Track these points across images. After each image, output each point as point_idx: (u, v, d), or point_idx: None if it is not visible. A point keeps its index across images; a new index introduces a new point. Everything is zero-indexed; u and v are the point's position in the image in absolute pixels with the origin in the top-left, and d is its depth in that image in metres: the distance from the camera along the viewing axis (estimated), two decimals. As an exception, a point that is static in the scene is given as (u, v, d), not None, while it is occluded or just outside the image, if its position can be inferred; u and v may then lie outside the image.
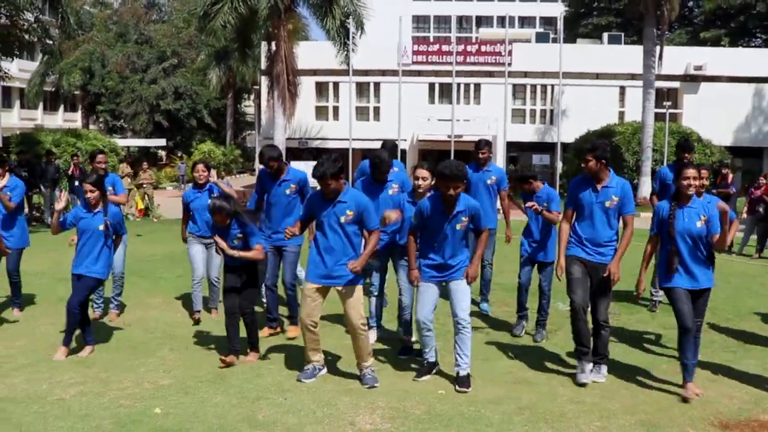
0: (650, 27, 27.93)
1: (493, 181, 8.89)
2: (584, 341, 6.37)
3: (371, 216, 6.20)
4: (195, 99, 46.28)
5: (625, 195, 6.38)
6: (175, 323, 8.41)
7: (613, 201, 6.35)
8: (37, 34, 22.05)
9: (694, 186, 5.98)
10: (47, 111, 52.38)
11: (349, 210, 6.10)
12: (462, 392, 6.07)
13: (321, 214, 6.18)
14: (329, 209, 6.14)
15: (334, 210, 6.12)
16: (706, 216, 5.98)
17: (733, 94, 34.52)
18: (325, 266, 6.15)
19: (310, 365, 6.41)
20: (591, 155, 6.41)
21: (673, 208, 6.03)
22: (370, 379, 6.23)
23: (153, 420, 5.34)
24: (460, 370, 6.23)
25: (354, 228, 6.20)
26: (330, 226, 6.15)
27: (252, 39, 31.27)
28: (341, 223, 6.11)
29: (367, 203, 6.22)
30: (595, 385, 6.23)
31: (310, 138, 35.59)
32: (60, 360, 6.82)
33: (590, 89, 34.79)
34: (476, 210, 6.25)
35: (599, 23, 48.07)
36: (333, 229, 6.14)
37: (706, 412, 5.64)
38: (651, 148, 28.69)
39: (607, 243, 6.40)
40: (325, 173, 6.01)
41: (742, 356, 7.24)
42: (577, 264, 6.39)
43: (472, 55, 35.23)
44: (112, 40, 47.67)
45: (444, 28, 60.38)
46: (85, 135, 33.42)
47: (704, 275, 6.07)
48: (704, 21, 47.56)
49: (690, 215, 6.00)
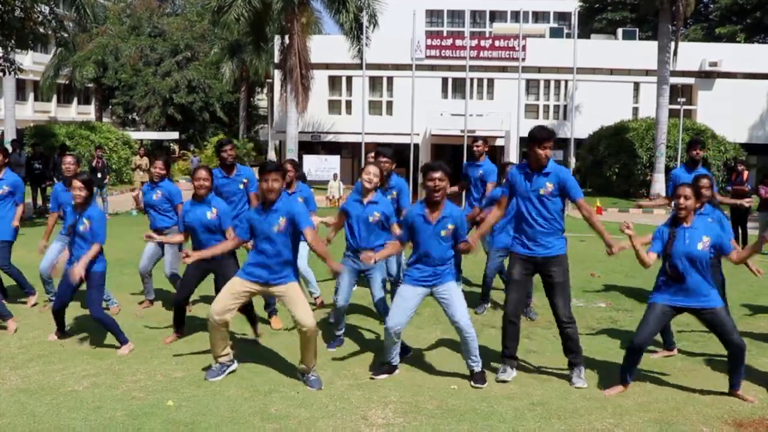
0: (665, 23, 27.76)
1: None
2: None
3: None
4: (208, 92, 46.34)
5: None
6: (189, 316, 8.41)
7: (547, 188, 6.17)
8: (52, 27, 22.08)
9: (685, 208, 5.80)
10: (61, 104, 52.59)
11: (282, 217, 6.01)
12: (477, 388, 6.07)
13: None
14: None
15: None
16: (710, 237, 5.79)
17: (748, 90, 34.28)
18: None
19: (217, 363, 6.27)
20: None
21: (673, 231, 5.85)
22: (315, 381, 6.09)
23: (166, 412, 5.35)
24: (475, 368, 6.22)
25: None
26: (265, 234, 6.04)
27: (266, 32, 31.32)
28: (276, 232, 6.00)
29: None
30: (608, 383, 6.17)
31: (323, 132, 35.58)
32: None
33: (604, 85, 34.64)
34: (462, 221, 6.11)
35: (614, 18, 47.92)
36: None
37: (720, 411, 5.60)
38: (665, 145, 28.56)
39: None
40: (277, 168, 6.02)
41: (756, 355, 7.18)
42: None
43: (485, 50, 35.10)
44: (125, 33, 47.79)
45: (457, 22, 60.29)
46: (99, 128, 33.64)
47: (706, 294, 5.86)
48: (720, 17, 47.30)
49: (692, 237, 5.80)
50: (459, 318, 6.08)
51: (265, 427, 5.16)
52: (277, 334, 7.59)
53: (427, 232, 6.02)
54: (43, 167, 20.07)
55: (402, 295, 6.21)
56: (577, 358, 6.30)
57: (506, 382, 6.23)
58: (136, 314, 8.43)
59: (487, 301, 9.04)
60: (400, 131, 31.22)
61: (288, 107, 29.04)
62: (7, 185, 8.59)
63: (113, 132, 34.38)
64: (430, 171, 5.99)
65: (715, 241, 5.81)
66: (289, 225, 5.97)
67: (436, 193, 5.97)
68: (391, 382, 6.13)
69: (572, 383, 6.18)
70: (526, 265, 6.26)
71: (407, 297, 6.17)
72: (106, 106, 49.83)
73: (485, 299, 9.03)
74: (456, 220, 6.05)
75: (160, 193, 8.53)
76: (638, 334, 5.95)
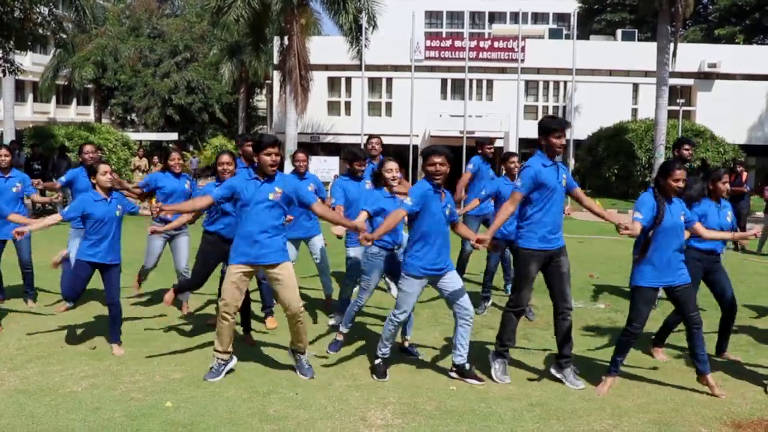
0: (664, 24, 27.76)
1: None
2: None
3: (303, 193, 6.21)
4: (207, 93, 46.30)
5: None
6: (187, 317, 8.42)
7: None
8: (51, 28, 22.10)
9: (683, 189, 5.95)
10: (60, 105, 52.56)
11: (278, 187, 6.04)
12: (474, 384, 6.12)
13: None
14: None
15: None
16: (683, 212, 6.03)
17: (747, 92, 34.31)
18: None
19: (215, 362, 6.26)
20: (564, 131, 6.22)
21: (662, 204, 5.89)
22: (308, 369, 6.23)
23: (164, 413, 5.35)
24: (463, 363, 6.25)
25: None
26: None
27: (265, 33, 31.29)
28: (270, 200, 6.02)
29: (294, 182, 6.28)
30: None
31: (322, 133, 35.59)
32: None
33: (603, 86, 34.66)
34: (453, 204, 6.27)
35: (613, 20, 47.96)
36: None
37: (718, 412, 5.60)
38: (664, 146, 28.52)
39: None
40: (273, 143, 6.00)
41: (755, 356, 7.19)
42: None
43: (484, 51, 35.13)
44: (124, 34, 47.75)
45: (457, 23, 60.31)
46: (98, 129, 33.63)
47: (681, 269, 6.04)
48: (719, 18, 47.31)
49: (674, 210, 5.95)
50: (467, 305, 6.18)
51: (263, 428, 5.16)
52: (277, 335, 7.58)
53: (437, 210, 6.05)
54: (42, 168, 20.08)
55: (405, 289, 6.20)
56: (570, 351, 6.31)
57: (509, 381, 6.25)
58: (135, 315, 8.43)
59: (488, 300, 9.05)
60: (399, 132, 31.22)
61: (287, 108, 29.04)
62: (19, 182, 8.60)
63: (112, 133, 34.36)
64: (431, 155, 6.02)
65: (684, 211, 6.05)
66: (285, 197, 6.05)
67: (437, 176, 6.01)
68: (389, 383, 6.13)
69: (573, 384, 6.17)
70: (543, 260, 6.24)
71: (410, 288, 6.17)
72: (105, 107, 49.79)
73: (486, 299, 9.04)
74: (451, 202, 6.22)
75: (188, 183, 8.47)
76: (633, 322, 5.98)
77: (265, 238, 6.00)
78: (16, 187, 8.52)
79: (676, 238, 5.93)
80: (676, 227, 5.92)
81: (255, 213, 5.98)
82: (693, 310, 6.01)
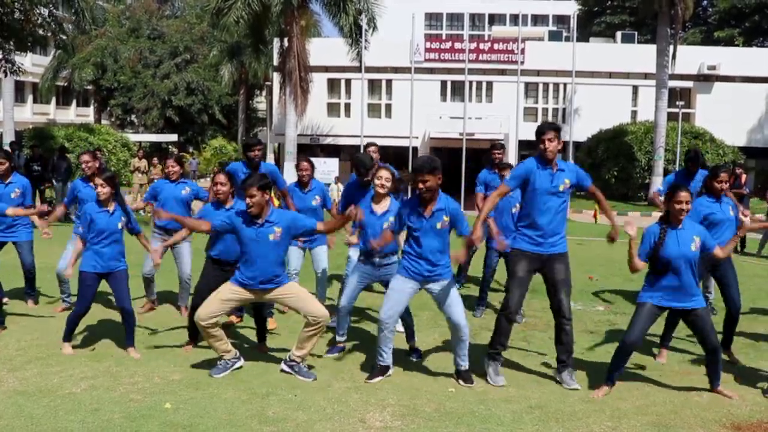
0: (664, 26, 27.80)
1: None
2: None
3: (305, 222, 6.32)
4: (207, 95, 46.33)
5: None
6: (186, 318, 8.41)
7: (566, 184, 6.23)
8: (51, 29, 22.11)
9: (686, 210, 5.83)
10: (60, 106, 52.59)
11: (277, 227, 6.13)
12: (468, 386, 6.12)
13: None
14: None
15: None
16: (699, 237, 5.89)
17: (747, 94, 34.30)
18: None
19: (222, 360, 6.37)
20: (557, 133, 6.19)
21: (664, 231, 5.86)
22: (308, 373, 6.28)
23: (163, 415, 5.35)
24: (463, 366, 6.26)
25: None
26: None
27: (265, 35, 31.29)
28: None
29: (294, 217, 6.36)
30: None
31: (322, 135, 35.60)
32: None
33: (603, 88, 34.65)
34: (457, 212, 6.11)
35: (612, 22, 48.00)
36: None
37: (718, 414, 5.60)
38: (663, 148, 28.60)
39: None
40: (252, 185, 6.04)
41: (755, 358, 7.20)
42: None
43: (484, 53, 35.12)
44: (124, 36, 47.78)
45: (457, 25, 60.36)
46: (98, 130, 33.66)
47: (695, 295, 5.95)
48: (718, 20, 47.35)
49: (683, 239, 5.85)
50: (458, 317, 6.11)
51: (262, 429, 5.16)
52: (275, 337, 7.58)
53: (422, 226, 6.02)
54: (41, 169, 20.06)
55: (394, 287, 6.24)
56: (570, 357, 6.32)
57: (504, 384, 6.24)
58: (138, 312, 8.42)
59: (484, 304, 9.05)
60: (399, 134, 31.24)
61: (287, 110, 29.03)
62: (19, 188, 8.56)
63: (112, 134, 34.39)
64: (416, 173, 5.95)
65: (703, 240, 5.92)
66: (286, 234, 6.13)
67: (425, 193, 5.96)
68: (388, 385, 6.13)
69: (567, 385, 6.18)
70: (534, 263, 6.25)
71: (399, 289, 6.20)
72: (105, 108, 49.82)
73: (482, 302, 9.03)
74: (451, 212, 6.07)
75: (189, 189, 8.43)
76: (629, 334, 5.99)
77: (269, 268, 6.14)
78: (15, 193, 8.49)
79: (683, 267, 5.84)
80: (682, 257, 5.82)
81: (257, 249, 6.10)
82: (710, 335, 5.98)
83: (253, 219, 6.09)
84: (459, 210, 6.14)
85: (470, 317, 8.65)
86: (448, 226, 6.09)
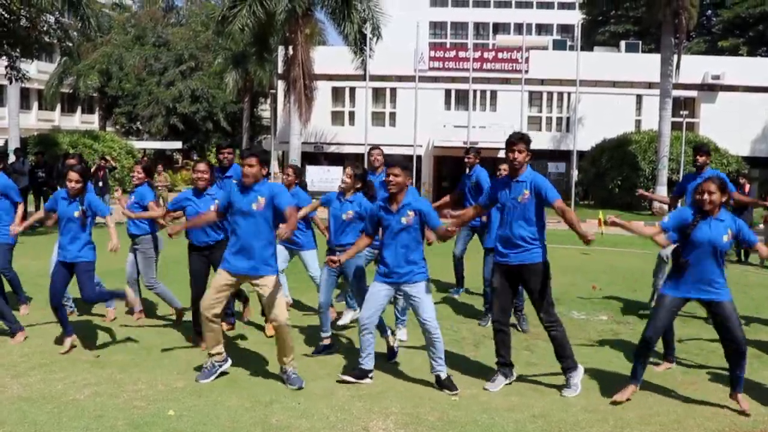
0: (668, 35, 27.84)
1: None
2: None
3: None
4: (211, 102, 46.47)
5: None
6: (189, 326, 8.41)
7: (524, 195, 6.19)
8: (57, 36, 22.24)
9: (712, 202, 5.78)
10: (65, 112, 52.78)
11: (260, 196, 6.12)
12: (453, 395, 6.10)
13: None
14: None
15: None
16: (732, 229, 5.82)
17: (751, 104, 34.34)
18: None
19: (208, 362, 6.39)
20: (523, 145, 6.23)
21: (697, 219, 5.84)
22: (296, 379, 6.25)
23: (167, 422, 5.35)
24: (440, 374, 6.28)
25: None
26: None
27: (269, 43, 31.43)
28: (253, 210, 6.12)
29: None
30: (609, 395, 6.17)
31: (326, 143, 35.65)
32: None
33: (607, 97, 34.70)
34: (426, 208, 6.27)
35: (616, 31, 48.09)
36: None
37: (721, 424, 5.59)
38: (667, 158, 28.58)
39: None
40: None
41: (758, 368, 7.17)
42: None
43: (488, 62, 35.20)
44: (129, 43, 47.97)
45: (461, 34, 60.50)
46: (102, 137, 33.76)
47: (721, 288, 5.89)
48: (722, 30, 47.41)
49: (716, 227, 5.80)
50: (428, 318, 6.21)
51: (265, 437, 5.17)
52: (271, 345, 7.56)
53: (390, 221, 6.24)
54: (46, 176, 20.13)
55: (371, 290, 6.42)
56: (567, 362, 6.31)
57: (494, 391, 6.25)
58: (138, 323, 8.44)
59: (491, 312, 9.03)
60: (403, 142, 31.25)
61: (291, 118, 29.11)
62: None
63: (116, 141, 34.51)
64: (389, 167, 6.28)
65: (740, 232, 5.86)
66: (269, 205, 6.11)
67: (390, 186, 6.21)
68: (392, 393, 6.13)
69: (561, 393, 6.21)
70: (507, 274, 6.35)
71: (375, 292, 6.37)
72: (110, 115, 49.99)
73: (488, 312, 8.99)
74: (416, 206, 6.24)
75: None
76: (648, 329, 6.01)
77: (251, 250, 6.13)
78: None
79: (709, 255, 5.81)
80: (710, 243, 5.79)
81: (245, 224, 6.12)
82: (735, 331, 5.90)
83: (244, 189, 6.15)
84: (428, 206, 6.35)
85: (474, 325, 8.70)
86: (416, 224, 6.24)
